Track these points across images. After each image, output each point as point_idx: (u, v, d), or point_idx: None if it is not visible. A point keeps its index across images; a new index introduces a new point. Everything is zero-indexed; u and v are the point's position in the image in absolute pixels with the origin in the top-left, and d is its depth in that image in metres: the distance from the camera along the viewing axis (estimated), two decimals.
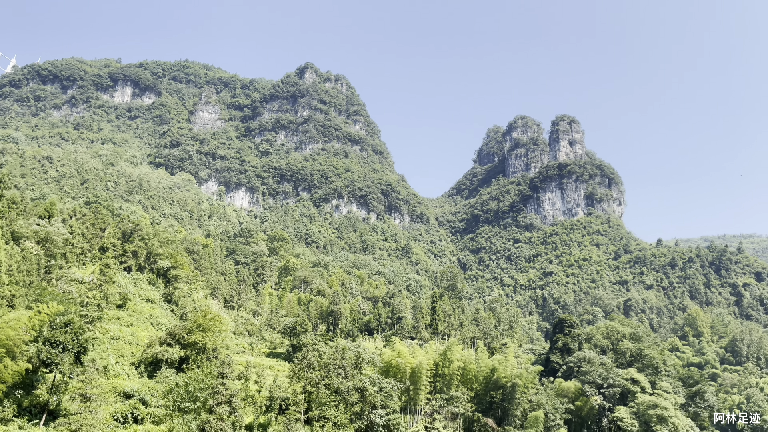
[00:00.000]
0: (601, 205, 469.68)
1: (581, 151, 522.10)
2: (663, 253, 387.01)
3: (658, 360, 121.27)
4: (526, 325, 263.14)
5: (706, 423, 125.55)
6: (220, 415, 55.13)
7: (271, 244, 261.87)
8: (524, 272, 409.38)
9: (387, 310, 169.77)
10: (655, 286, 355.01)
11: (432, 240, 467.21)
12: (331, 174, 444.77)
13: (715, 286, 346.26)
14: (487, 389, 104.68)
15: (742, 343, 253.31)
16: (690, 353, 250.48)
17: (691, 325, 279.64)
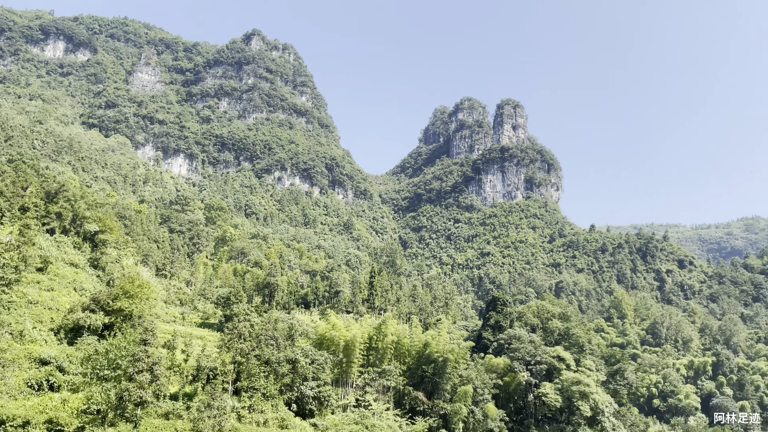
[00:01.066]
0: (540, 189, 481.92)
1: (524, 136, 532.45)
2: (595, 239, 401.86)
3: (584, 339, 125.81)
4: (462, 303, 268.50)
5: (625, 399, 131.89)
6: (140, 383, 53.03)
7: (208, 213, 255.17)
8: (463, 252, 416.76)
9: (325, 284, 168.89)
10: (586, 269, 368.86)
11: (374, 217, 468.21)
12: (275, 145, 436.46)
13: (641, 272, 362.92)
14: (419, 363, 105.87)
15: (662, 326, 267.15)
16: (614, 334, 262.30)
17: (616, 307, 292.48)
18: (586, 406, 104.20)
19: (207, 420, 54.64)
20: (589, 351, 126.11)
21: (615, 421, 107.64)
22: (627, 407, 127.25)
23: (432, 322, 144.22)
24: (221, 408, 55.50)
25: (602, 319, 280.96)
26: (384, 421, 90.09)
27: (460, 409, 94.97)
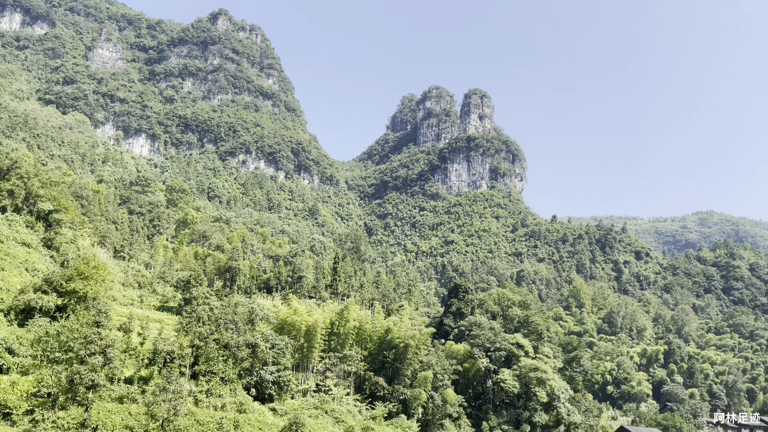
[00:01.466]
0: (504, 179, 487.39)
1: (490, 126, 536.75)
2: (556, 229, 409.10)
3: (543, 327, 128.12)
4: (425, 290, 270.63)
5: (580, 386, 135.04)
6: (92, 366, 51.58)
7: (170, 195, 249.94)
8: (427, 240, 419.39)
9: (288, 269, 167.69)
10: (547, 259, 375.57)
11: (340, 203, 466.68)
12: (240, 127, 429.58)
13: (600, 262, 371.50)
14: (380, 349, 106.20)
15: (618, 315, 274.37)
16: (572, 322, 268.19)
17: (575, 296, 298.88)
18: (543, 393, 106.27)
19: (162, 404, 53.63)
20: (547, 338, 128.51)
21: (570, 406, 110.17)
22: (582, 393, 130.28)
23: (395, 308, 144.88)
24: (177, 392, 54.52)
25: (561, 308, 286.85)
26: (344, 406, 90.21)
27: (420, 394, 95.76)
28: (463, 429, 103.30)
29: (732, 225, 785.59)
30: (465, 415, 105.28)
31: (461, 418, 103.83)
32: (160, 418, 54.57)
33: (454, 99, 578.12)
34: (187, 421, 62.32)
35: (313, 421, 78.42)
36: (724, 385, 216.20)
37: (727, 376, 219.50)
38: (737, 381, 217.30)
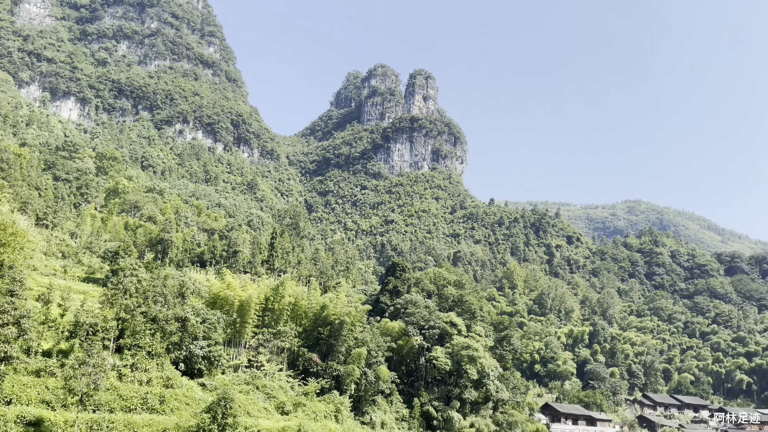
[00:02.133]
0: (445, 161, 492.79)
1: (433, 107, 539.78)
2: (493, 212, 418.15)
3: (476, 306, 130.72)
4: (363, 269, 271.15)
5: (509, 364, 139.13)
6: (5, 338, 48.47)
7: (100, 162, 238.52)
8: (367, 218, 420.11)
9: (223, 243, 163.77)
10: (483, 241, 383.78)
11: (281, 178, 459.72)
12: (178, 96, 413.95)
13: (533, 245, 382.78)
14: (315, 325, 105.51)
15: (548, 297, 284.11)
16: (504, 303, 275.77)
17: (508, 278, 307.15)
18: (474, 370, 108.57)
19: (81, 378, 51.10)
20: (480, 318, 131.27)
21: (499, 384, 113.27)
22: (511, 371, 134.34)
23: (332, 285, 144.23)
24: (98, 365, 52.06)
25: (495, 289, 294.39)
26: (276, 382, 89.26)
27: (353, 370, 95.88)
28: (394, 405, 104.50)
29: (657, 214, 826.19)
30: (397, 392, 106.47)
31: (393, 394, 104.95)
32: (79, 392, 52.05)
33: (400, 78, 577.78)
34: (108, 396, 59.94)
35: (244, 397, 77.18)
36: (642, 365, 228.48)
37: (646, 357, 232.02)
38: (654, 361, 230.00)
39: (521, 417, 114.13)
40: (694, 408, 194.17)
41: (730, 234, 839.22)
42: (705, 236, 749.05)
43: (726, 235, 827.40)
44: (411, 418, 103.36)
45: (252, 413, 74.36)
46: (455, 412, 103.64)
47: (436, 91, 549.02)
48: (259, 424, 68.15)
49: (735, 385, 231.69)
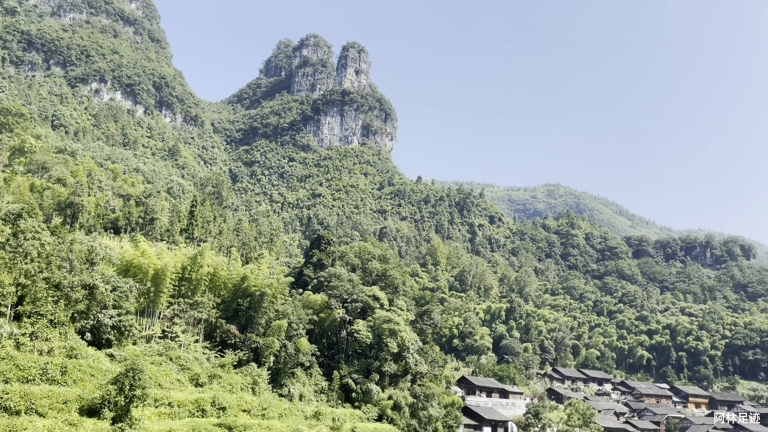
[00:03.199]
0: (375, 137, 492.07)
1: (365, 82, 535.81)
2: (420, 190, 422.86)
3: (399, 281, 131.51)
4: (288, 241, 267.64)
5: (429, 338, 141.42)
6: None
7: (4, 118, 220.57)
8: (294, 191, 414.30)
9: (140, 210, 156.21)
10: (409, 218, 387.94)
11: (204, 146, 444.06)
12: (95, 53, 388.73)
13: (457, 224, 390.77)
14: (235, 297, 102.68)
15: (469, 274, 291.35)
16: (427, 279, 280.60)
17: (432, 254, 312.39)
18: (394, 343, 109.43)
19: None
20: (402, 292, 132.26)
21: (418, 357, 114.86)
22: (430, 345, 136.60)
23: (254, 257, 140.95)
24: None
25: (418, 265, 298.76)
26: (191, 354, 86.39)
27: (273, 343, 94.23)
28: (314, 377, 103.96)
29: (575, 198, 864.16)
30: (317, 365, 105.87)
31: (313, 367, 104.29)
32: None
33: (332, 50, 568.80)
34: (4, 366, 55.70)
35: (156, 368, 74.15)
36: (554, 341, 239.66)
37: (557, 333, 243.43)
38: (565, 337, 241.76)
39: (438, 389, 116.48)
40: (598, 381, 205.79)
41: (639, 219, 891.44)
42: (617, 221, 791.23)
43: (635, 220, 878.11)
44: (330, 390, 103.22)
45: (164, 385, 71.59)
46: (374, 385, 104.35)
47: (368, 65, 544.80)
48: (171, 396, 65.69)
49: (636, 361, 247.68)
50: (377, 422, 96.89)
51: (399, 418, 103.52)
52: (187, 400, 66.53)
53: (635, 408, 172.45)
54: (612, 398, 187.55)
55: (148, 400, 59.11)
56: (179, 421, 62.03)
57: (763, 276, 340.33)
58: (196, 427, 59.96)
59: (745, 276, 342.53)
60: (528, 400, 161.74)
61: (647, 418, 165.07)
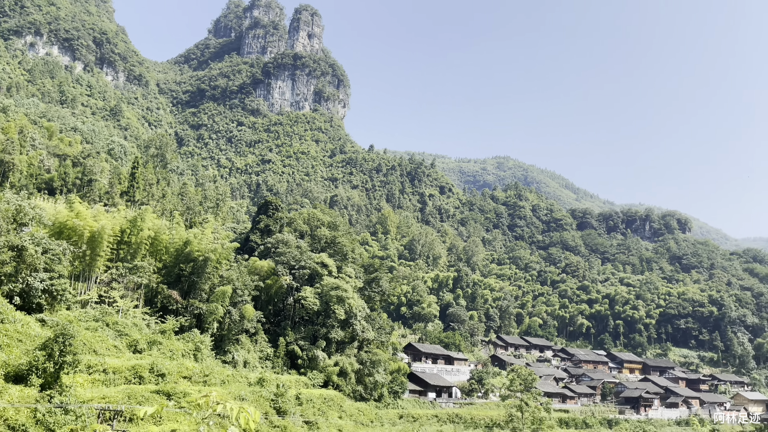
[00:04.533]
0: (328, 104, 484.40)
1: (318, 47, 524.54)
2: (372, 159, 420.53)
3: (348, 248, 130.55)
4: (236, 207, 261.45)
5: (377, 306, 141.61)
6: None
7: None
8: (243, 156, 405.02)
9: (77, 171, 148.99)
10: (360, 186, 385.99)
11: (149, 107, 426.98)
12: (30, 3, 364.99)
13: (408, 193, 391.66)
14: (177, 262, 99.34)
15: (418, 243, 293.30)
16: (377, 247, 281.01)
17: (382, 223, 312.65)
18: (342, 310, 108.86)
19: None
20: (351, 260, 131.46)
21: (365, 324, 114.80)
22: (378, 312, 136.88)
23: (198, 221, 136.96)
24: None
25: (369, 234, 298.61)
26: (130, 319, 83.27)
27: (217, 309, 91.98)
28: (259, 344, 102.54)
29: (523, 171, 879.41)
30: (263, 331, 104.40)
31: (259, 333, 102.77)
32: None
33: (284, 12, 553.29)
34: None
35: (91, 334, 70.98)
36: (498, 309, 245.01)
37: (502, 302, 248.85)
38: (510, 306, 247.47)
39: (385, 356, 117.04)
40: (540, 348, 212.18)
41: (584, 193, 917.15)
42: (563, 194, 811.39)
43: (580, 194, 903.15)
44: (276, 357, 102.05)
45: (99, 351, 68.66)
46: (321, 351, 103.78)
47: (321, 29, 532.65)
48: (106, 363, 63.00)
49: (576, 329, 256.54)
50: (323, 388, 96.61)
51: (345, 384, 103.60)
52: (124, 366, 64.01)
53: (574, 374, 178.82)
54: (552, 364, 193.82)
55: (80, 367, 56.36)
56: (114, 388, 59.61)
57: (697, 249, 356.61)
58: (132, 394, 57.77)
59: (680, 248, 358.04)
60: (472, 367, 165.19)
61: (585, 383, 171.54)
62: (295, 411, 76.16)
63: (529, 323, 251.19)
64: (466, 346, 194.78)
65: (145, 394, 58.63)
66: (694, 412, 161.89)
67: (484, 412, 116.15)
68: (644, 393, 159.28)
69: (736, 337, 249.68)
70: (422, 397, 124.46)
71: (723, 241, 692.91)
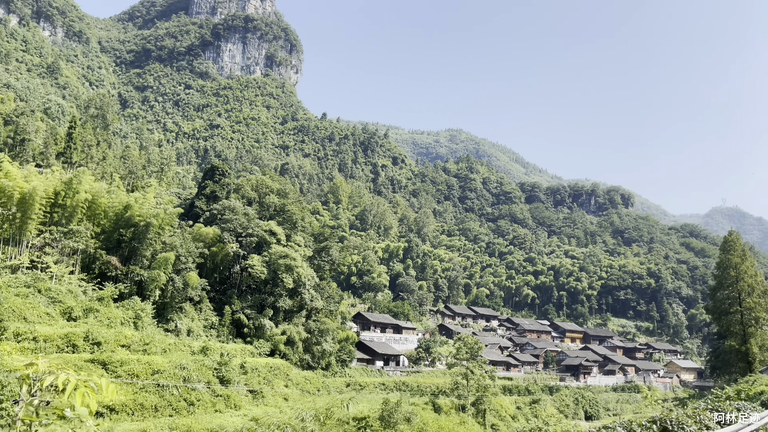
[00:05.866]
0: (280, 69, 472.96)
1: (270, 9, 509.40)
2: (325, 127, 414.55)
3: (298, 217, 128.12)
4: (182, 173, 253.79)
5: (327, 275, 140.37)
6: None
7: None
8: (191, 121, 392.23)
9: (9, 129, 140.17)
10: (312, 155, 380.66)
11: (90, 65, 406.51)
12: None
13: (361, 163, 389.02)
14: (117, 227, 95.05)
15: (370, 213, 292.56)
16: (328, 217, 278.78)
17: (334, 193, 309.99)
18: (290, 279, 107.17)
19: None
20: (301, 228, 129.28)
21: (314, 293, 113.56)
22: (327, 281, 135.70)
23: (140, 186, 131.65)
24: None
25: (320, 203, 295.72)
26: (64, 286, 79.31)
27: (159, 276, 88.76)
28: (204, 312, 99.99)
29: (475, 144, 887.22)
30: (208, 299, 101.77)
31: (204, 301, 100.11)
32: None
33: None
34: None
35: (21, 301, 67.13)
36: (447, 280, 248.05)
37: (451, 272, 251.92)
38: (458, 276, 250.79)
39: (333, 325, 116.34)
40: (486, 318, 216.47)
41: (533, 167, 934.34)
42: (513, 168, 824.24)
43: (530, 168, 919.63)
44: (221, 326, 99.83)
45: (30, 319, 65.06)
46: (267, 320, 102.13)
47: None
48: (36, 331, 59.72)
49: (522, 299, 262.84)
50: (269, 357, 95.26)
51: (292, 353, 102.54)
52: (56, 334, 60.86)
53: (518, 342, 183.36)
54: (498, 334, 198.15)
55: (6, 334, 53.11)
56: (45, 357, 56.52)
57: (638, 223, 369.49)
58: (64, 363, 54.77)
59: (623, 222, 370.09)
60: (420, 336, 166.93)
61: (528, 351, 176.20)
62: (240, 380, 74.64)
63: (476, 293, 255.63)
64: (415, 315, 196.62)
65: (78, 363, 55.87)
66: (630, 378, 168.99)
67: (431, 380, 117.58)
68: (584, 361, 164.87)
69: (671, 308, 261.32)
70: (370, 365, 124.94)
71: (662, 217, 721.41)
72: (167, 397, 58.06)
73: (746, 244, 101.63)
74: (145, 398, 55.74)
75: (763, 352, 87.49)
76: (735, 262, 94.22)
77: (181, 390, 60.51)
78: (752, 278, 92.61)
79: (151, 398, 56.32)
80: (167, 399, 57.92)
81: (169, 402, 57.87)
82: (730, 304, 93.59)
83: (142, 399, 55.31)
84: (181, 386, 60.65)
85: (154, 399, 56.53)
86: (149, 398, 56.14)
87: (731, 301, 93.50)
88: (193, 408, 60.04)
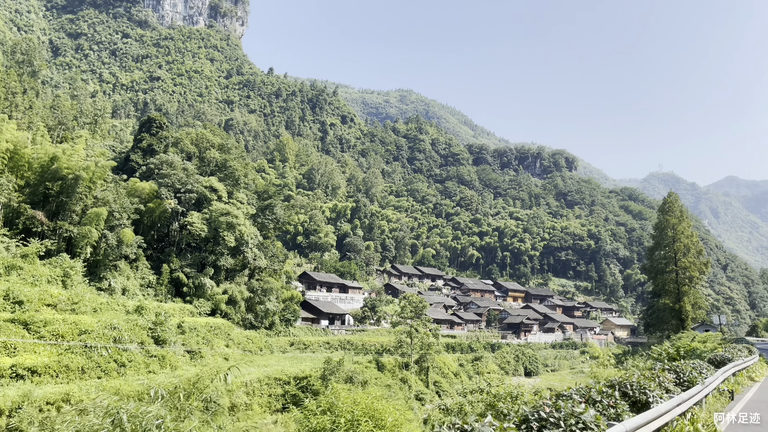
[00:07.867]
0: (224, 20, 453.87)
1: None
2: (272, 82, 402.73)
3: (241, 173, 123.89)
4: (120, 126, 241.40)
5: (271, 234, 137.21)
6: None
7: None
8: (129, 72, 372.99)
9: None
10: (258, 111, 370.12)
11: (18, 9, 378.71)
12: None
13: (309, 121, 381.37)
14: (43, 180, 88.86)
15: (317, 172, 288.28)
16: (274, 175, 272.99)
17: (280, 151, 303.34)
18: (232, 237, 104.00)
19: None
20: (244, 185, 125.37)
21: (257, 252, 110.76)
22: (272, 240, 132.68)
23: (70, 137, 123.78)
24: None
25: (266, 161, 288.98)
26: None
27: (90, 232, 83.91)
28: (140, 271, 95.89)
29: (425, 105, 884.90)
30: (145, 258, 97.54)
31: (140, 259, 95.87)
32: None
33: None
34: None
35: None
36: (395, 240, 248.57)
37: (399, 233, 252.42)
38: (405, 237, 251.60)
39: (277, 284, 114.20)
40: (432, 278, 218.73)
41: (481, 130, 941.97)
42: (461, 130, 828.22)
43: (478, 130, 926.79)
44: (159, 284, 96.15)
45: None
46: (208, 279, 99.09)
47: None
48: None
49: (467, 260, 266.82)
50: (210, 317, 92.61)
51: (234, 313, 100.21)
52: None
53: (462, 301, 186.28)
54: (443, 293, 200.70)
55: None
56: None
57: (581, 186, 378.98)
58: None
59: (566, 185, 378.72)
60: (366, 295, 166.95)
61: (472, 310, 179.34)
62: (176, 340, 71.89)
63: (423, 254, 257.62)
64: (362, 275, 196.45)
65: None
66: (568, 336, 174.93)
67: (376, 339, 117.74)
68: (525, 319, 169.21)
69: (609, 269, 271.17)
70: (315, 324, 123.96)
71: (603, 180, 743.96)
72: (96, 359, 54.98)
73: (682, 206, 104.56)
74: (71, 360, 52.53)
75: (695, 310, 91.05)
76: (673, 223, 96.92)
77: (111, 351, 57.46)
78: (688, 239, 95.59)
79: (77, 360, 53.15)
80: (95, 360, 54.85)
81: (98, 363, 54.85)
82: (666, 263, 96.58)
83: (68, 361, 52.09)
84: (111, 347, 57.59)
85: (81, 360, 53.39)
86: (76, 360, 52.97)
87: (667, 260, 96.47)
88: (124, 369, 57.24)
